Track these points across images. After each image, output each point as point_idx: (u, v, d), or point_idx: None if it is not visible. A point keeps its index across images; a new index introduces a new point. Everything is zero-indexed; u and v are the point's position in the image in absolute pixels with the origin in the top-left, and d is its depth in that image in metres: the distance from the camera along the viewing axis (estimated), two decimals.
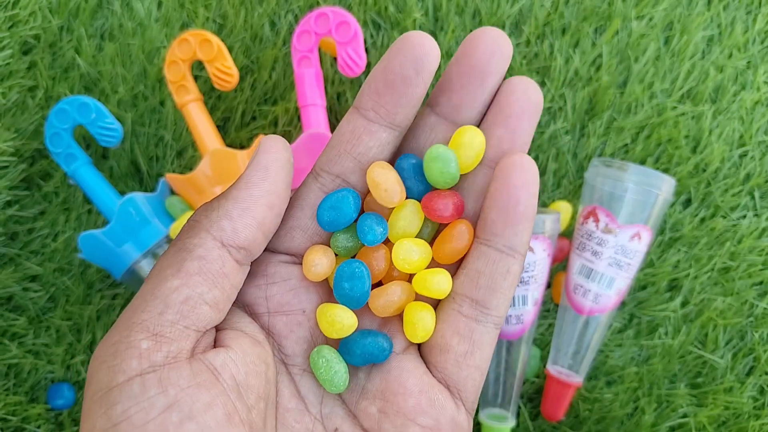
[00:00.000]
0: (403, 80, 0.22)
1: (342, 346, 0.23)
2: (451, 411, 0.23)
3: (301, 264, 0.24)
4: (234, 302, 0.23)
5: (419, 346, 0.24)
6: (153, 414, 0.19)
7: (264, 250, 0.24)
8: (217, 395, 0.20)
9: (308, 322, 0.24)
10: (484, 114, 0.24)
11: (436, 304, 0.24)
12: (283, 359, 0.23)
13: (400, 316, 0.24)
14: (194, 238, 0.21)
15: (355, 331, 0.23)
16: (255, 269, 0.24)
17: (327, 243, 0.24)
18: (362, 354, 0.23)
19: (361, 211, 0.25)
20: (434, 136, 0.24)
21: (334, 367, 0.22)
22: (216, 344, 0.22)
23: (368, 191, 0.24)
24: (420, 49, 0.22)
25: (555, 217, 0.38)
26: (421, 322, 0.23)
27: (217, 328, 0.22)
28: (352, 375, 0.24)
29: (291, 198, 0.24)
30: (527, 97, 0.23)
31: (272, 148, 0.23)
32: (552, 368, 0.41)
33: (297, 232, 0.24)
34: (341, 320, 0.23)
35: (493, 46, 0.22)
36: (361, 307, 0.23)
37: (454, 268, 0.24)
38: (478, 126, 0.24)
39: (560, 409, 0.40)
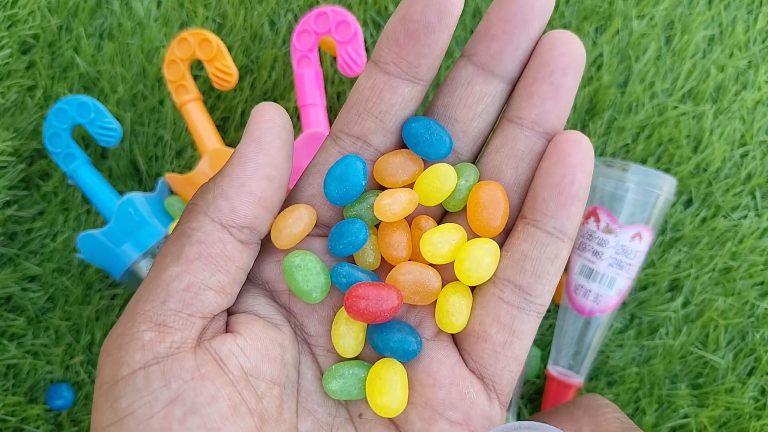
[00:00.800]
0: (425, 28, 0.20)
1: (370, 331, 0.22)
2: (482, 405, 0.21)
3: (325, 237, 0.23)
4: (251, 280, 0.23)
5: None
6: (157, 408, 0.18)
7: None
8: (222, 386, 0.19)
9: (331, 299, 0.22)
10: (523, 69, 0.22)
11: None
12: (306, 339, 0.22)
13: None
14: (192, 222, 0.21)
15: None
16: (272, 244, 0.22)
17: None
18: (385, 348, 0.21)
19: (374, 183, 0.23)
20: (471, 90, 0.22)
21: (312, 280, 0.21)
22: (227, 329, 0.21)
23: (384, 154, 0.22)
24: None
25: None
26: (456, 314, 0.21)
27: (229, 312, 0.22)
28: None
29: (309, 164, 0.23)
30: (571, 52, 0.21)
31: (264, 117, 0.21)
32: (552, 369, 0.41)
33: (317, 200, 0.22)
34: (345, 346, 0.21)
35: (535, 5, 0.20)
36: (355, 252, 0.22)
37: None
38: (516, 82, 0.22)
39: None
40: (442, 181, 0.21)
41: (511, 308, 0.21)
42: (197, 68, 0.43)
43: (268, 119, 0.21)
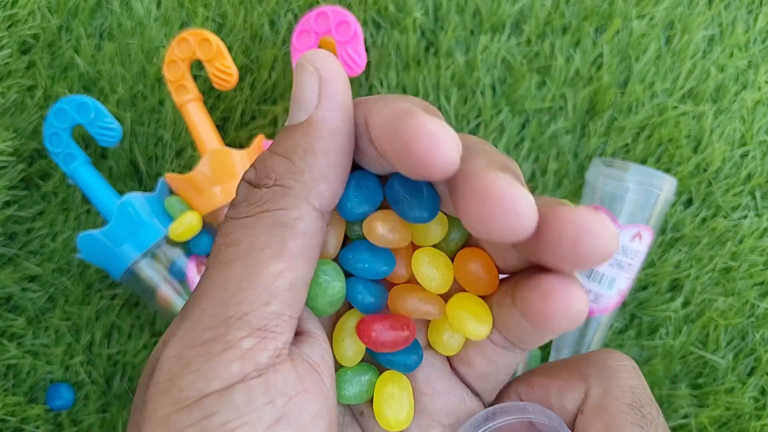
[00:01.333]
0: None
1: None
2: (473, 408, 0.22)
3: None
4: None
5: None
6: (260, 429, 0.16)
7: None
8: (323, 401, 0.18)
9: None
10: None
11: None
12: None
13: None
14: (293, 211, 0.18)
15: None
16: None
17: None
18: (386, 362, 0.21)
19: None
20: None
21: (329, 288, 0.20)
22: (309, 334, 0.19)
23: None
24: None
25: None
26: (451, 342, 0.21)
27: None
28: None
29: None
30: (603, 250, 0.16)
31: (334, 73, 0.18)
32: None
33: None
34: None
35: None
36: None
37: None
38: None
39: None
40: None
41: (497, 348, 0.21)
42: (197, 68, 0.43)
43: (337, 73, 0.18)
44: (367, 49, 0.43)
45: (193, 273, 0.40)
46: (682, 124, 0.43)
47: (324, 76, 0.18)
